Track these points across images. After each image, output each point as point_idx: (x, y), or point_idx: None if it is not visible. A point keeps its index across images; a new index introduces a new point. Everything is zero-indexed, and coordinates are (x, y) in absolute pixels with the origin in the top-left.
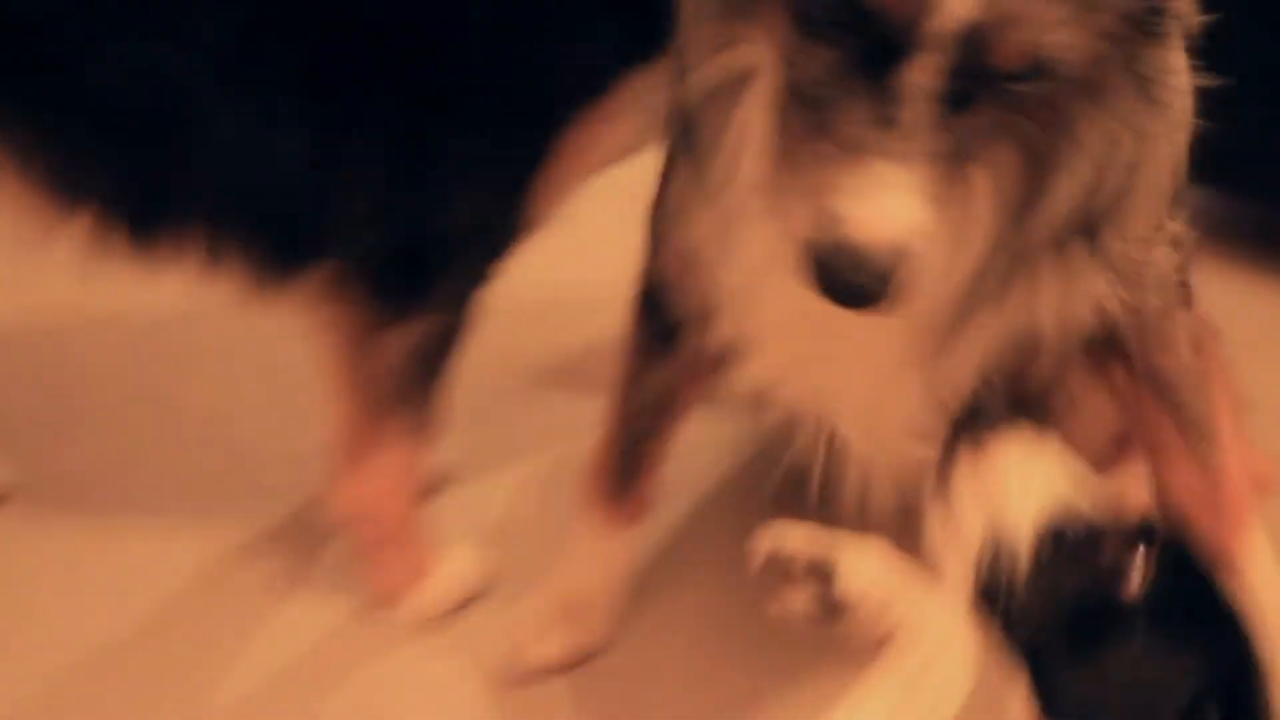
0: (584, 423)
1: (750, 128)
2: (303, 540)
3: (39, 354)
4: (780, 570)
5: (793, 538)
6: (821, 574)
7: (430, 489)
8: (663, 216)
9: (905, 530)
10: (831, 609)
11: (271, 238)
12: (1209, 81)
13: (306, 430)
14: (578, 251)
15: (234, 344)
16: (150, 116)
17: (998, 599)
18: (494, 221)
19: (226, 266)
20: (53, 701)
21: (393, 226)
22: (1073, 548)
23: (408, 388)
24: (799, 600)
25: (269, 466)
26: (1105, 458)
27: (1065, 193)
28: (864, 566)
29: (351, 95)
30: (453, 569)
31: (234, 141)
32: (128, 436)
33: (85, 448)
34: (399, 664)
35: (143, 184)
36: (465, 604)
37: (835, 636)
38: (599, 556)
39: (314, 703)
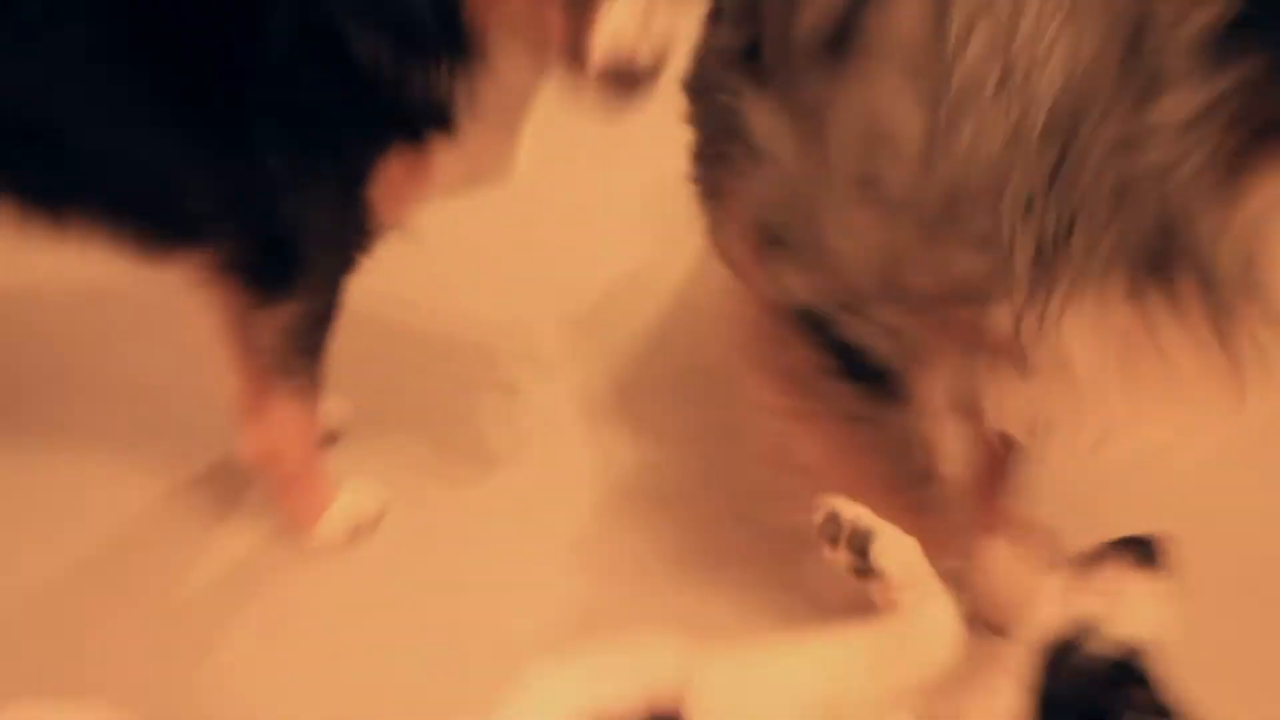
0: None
1: None
2: (227, 482)
3: None
4: (833, 526)
5: (850, 506)
6: (863, 540)
7: (329, 436)
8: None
9: None
10: (863, 570)
11: (146, 227)
12: None
13: (221, 391)
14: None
15: (150, 318)
16: (26, 120)
17: (1055, 684)
18: (333, 224)
19: (111, 249)
20: (31, 613)
21: (247, 222)
22: (1126, 677)
23: (288, 358)
24: (841, 555)
25: (196, 422)
26: None
27: None
28: (897, 548)
29: (193, 105)
30: (350, 502)
31: (103, 142)
32: (65, 401)
33: (26, 411)
34: (305, 579)
35: (27, 175)
36: (362, 530)
37: (860, 589)
38: None
39: (240, 606)
